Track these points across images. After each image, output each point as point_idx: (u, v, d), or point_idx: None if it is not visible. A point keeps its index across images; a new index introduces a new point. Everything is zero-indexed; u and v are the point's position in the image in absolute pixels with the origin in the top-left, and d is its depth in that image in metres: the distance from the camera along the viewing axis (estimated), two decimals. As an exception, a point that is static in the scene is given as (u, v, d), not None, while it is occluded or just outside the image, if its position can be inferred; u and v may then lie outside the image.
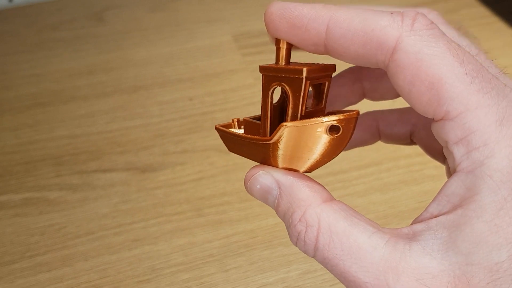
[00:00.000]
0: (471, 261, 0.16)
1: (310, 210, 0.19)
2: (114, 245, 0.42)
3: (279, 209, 0.20)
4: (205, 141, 0.51)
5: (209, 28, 0.66)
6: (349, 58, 0.19)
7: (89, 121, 0.54)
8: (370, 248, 0.17)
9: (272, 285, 0.39)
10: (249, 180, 0.20)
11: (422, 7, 0.20)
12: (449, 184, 0.18)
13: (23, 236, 0.43)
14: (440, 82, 0.17)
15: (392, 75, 0.18)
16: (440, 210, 0.18)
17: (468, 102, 0.17)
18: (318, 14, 0.18)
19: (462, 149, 0.17)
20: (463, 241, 0.16)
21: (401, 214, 0.44)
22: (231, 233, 0.43)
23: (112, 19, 0.68)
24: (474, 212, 0.16)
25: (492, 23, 0.65)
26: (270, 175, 0.20)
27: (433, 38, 0.17)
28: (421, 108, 0.18)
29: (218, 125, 0.23)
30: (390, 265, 0.17)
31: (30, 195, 0.46)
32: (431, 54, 0.17)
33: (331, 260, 0.18)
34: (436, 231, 0.17)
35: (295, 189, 0.19)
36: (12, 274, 0.40)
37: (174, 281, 0.40)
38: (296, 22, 0.19)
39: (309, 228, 0.18)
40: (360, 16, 0.18)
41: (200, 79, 0.58)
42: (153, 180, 0.47)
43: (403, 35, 0.17)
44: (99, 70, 0.60)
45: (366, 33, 0.18)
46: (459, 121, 0.17)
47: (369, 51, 0.18)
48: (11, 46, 0.64)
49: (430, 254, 0.17)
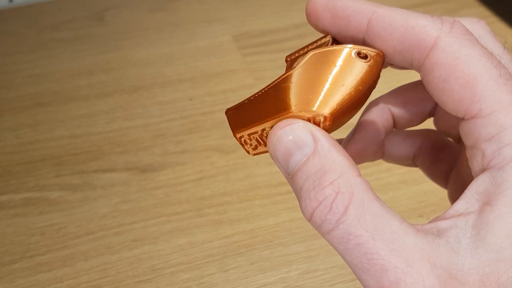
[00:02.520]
0: (502, 258, 0.16)
1: (345, 177, 0.17)
2: (114, 245, 0.42)
3: (303, 168, 0.17)
4: (205, 141, 0.51)
5: (209, 28, 0.66)
6: (386, 53, 0.19)
7: (89, 121, 0.54)
8: (403, 234, 0.16)
9: (272, 285, 0.39)
10: (281, 129, 0.18)
11: (471, 17, 0.21)
12: (478, 181, 0.17)
13: (23, 236, 0.43)
14: (475, 81, 0.17)
15: (426, 73, 0.18)
16: (467, 208, 0.17)
17: (502, 101, 0.17)
18: (362, 7, 0.19)
19: (493, 146, 0.17)
20: (493, 236, 0.16)
21: (401, 214, 0.43)
22: (231, 233, 0.43)
23: (112, 19, 0.68)
24: (504, 207, 0.16)
25: (492, 23, 0.65)
26: (309, 129, 0.18)
27: (470, 42, 0.18)
28: (452, 105, 0.18)
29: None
30: (424, 255, 0.16)
31: (30, 195, 0.46)
32: (468, 55, 0.18)
33: (357, 237, 0.16)
34: (464, 229, 0.17)
35: (333, 152, 0.17)
36: (12, 274, 0.40)
37: (174, 281, 0.40)
38: (339, 13, 0.19)
39: (340, 195, 0.16)
40: (402, 14, 0.19)
41: (200, 79, 0.58)
42: (153, 180, 0.47)
43: (442, 36, 0.18)
44: (99, 70, 0.60)
45: (407, 29, 0.18)
46: (492, 119, 0.17)
47: (408, 47, 0.19)
48: (11, 46, 0.64)
49: (458, 252, 0.16)
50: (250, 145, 0.21)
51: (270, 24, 0.66)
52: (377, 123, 0.23)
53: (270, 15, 0.68)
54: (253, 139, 0.20)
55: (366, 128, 0.23)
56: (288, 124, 0.18)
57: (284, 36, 0.64)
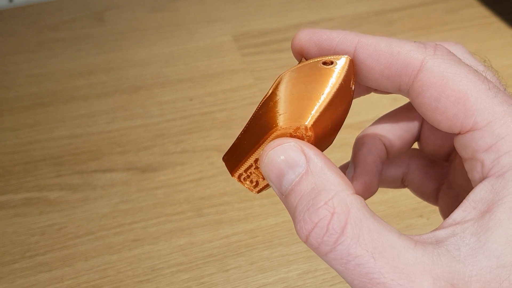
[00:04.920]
0: (503, 263, 0.16)
1: (339, 196, 0.16)
2: (114, 245, 0.42)
3: (296, 188, 0.17)
4: (205, 141, 0.51)
5: (209, 28, 0.66)
6: (373, 79, 0.20)
7: (89, 121, 0.54)
8: (403, 249, 0.16)
9: (272, 285, 0.39)
10: (272, 149, 0.18)
11: (449, 42, 0.21)
12: (477, 190, 0.18)
13: (23, 236, 0.43)
14: (466, 96, 0.18)
15: (416, 95, 0.19)
16: (465, 216, 0.17)
17: (495, 112, 0.18)
18: (346, 37, 0.20)
19: (492, 155, 0.17)
20: (493, 243, 0.16)
21: (401, 214, 0.44)
22: (231, 233, 0.43)
23: (112, 19, 0.68)
24: (504, 213, 0.16)
25: (492, 23, 0.65)
26: (300, 148, 0.17)
27: (455, 62, 0.19)
28: (447, 122, 0.19)
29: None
30: (425, 268, 0.16)
31: (30, 195, 0.46)
32: (455, 73, 0.18)
33: (357, 258, 0.16)
34: (463, 237, 0.16)
35: (326, 171, 0.17)
36: (12, 274, 0.40)
37: (174, 281, 0.40)
38: (325, 45, 0.20)
39: (336, 215, 0.16)
40: (385, 41, 0.19)
41: (200, 79, 0.58)
42: (153, 180, 0.47)
43: (427, 58, 0.19)
44: (99, 70, 0.60)
45: (392, 55, 0.19)
46: (488, 130, 0.18)
47: (395, 71, 0.19)
48: (11, 46, 0.64)
49: (459, 260, 0.16)
50: (250, 182, 0.21)
51: (270, 24, 0.66)
52: (373, 154, 0.23)
53: (270, 15, 0.68)
54: (251, 174, 0.20)
55: (365, 161, 0.23)
56: (278, 144, 0.18)
57: (284, 36, 0.64)
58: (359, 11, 0.67)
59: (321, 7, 0.68)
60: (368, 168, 0.23)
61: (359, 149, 0.23)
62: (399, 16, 0.66)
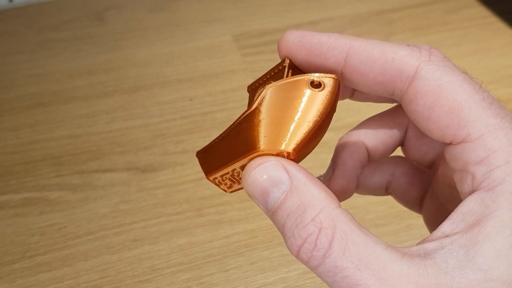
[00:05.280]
0: (490, 277, 0.16)
1: (326, 211, 0.17)
2: (114, 245, 0.42)
3: (283, 206, 0.17)
4: (205, 141, 0.51)
5: (209, 28, 0.66)
6: (366, 86, 0.19)
7: (89, 121, 0.54)
8: (389, 261, 0.16)
9: (272, 285, 0.39)
10: (254, 169, 0.18)
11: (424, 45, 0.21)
12: (466, 203, 0.17)
13: (23, 236, 0.43)
14: (460, 107, 0.18)
15: (409, 102, 0.19)
16: (453, 229, 0.17)
17: (489, 124, 0.17)
18: (337, 42, 0.19)
19: (483, 169, 0.17)
20: (482, 257, 0.16)
21: (401, 214, 0.44)
22: (231, 233, 0.43)
23: (112, 19, 0.68)
24: (493, 228, 0.16)
25: (492, 23, 0.65)
26: (282, 165, 0.17)
27: (449, 69, 0.18)
28: (439, 132, 0.18)
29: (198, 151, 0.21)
30: (411, 280, 0.16)
31: (30, 195, 0.46)
32: (450, 82, 0.18)
33: (343, 270, 0.16)
34: (451, 250, 0.16)
35: (310, 187, 0.17)
36: (12, 274, 0.40)
37: (174, 281, 0.40)
38: (315, 50, 0.19)
39: (323, 230, 0.16)
40: (378, 46, 0.19)
41: (200, 79, 0.58)
42: (153, 180, 0.47)
43: (422, 64, 0.18)
44: (99, 70, 0.60)
45: (386, 61, 0.19)
46: (481, 142, 0.17)
47: (388, 78, 0.19)
48: (11, 46, 0.64)
49: (446, 273, 0.16)
50: (225, 185, 0.21)
51: (270, 24, 0.66)
52: (354, 158, 0.23)
53: (270, 15, 0.68)
54: (226, 179, 0.21)
55: (345, 164, 0.23)
56: (260, 164, 0.18)
57: (284, 36, 0.64)
58: (359, 11, 0.67)
59: (321, 7, 0.68)
60: (347, 172, 0.23)
61: (340, 151, 0.23)
62: (399, 16, 0.66)
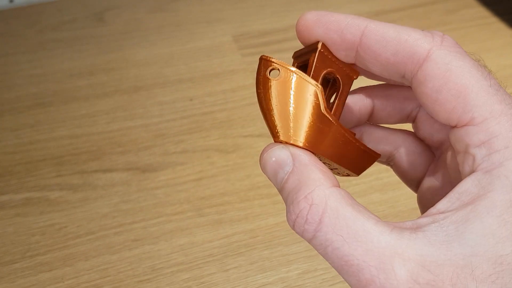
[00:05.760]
0: (476, 252, 0.16)
1: (318, 190, 0.18)
2: (114, 245, 0.42)
3: (286, 185, 0.19)
4: (205, 141, 0.51)
5: (209, 28, 0.66)
6: (378, 66, 0.20)
7: (89, 121, 0.54)
8: (377, 233, 0.17)
9: (272, 284, 0.40)
10: (266, 152, 0.20)
11: None
12: (463, 183, 0.18)
13: (24, 236, 0.43)
14: (467, 91, 0.18)
15: (419, 84, 0.19)
16: (448, 207, 0.18)
17: (493, 110, 0.18)
18: (355, 21, 0.20)
19: (483, 151, 0.18)
20: (470, 233, 0.17)
21: (401, 214, 0.44)
22: (231, 233, 0.43)
23: (112, 20, 0.68)
24: (484, 208, 0.17)
25: (492, 23, 0.65)
26: (287, 149, 0.20)
27: (460, 54, 0.19)
28: (445, 115, 0.19)
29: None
30: (397, 251, 0.17)
31: (30, 195, 0.46)
32: (459, 66, 0.19)
33: (333, 242, 0.17)
34: (442, 225, 0.17)
35: (308, 168, 0.19)
36: (13, 274, 0.41)
37: (174, 281, 0.40)
38: (333, 27, 0.20)
39: (314, 206, 0.18)
40: (393, 27, 0.20)
41: (200, 79, 0.58)
42: (154, 180, 0.47)
43: (434, 48, 0.19)
44: (100, 71, 0.60)
45: (400, 42, 0.19)
46: (483, 126, 0.18)
47: (401, 59, 0.20)
48: (12, 47, 0.64)
49: (434, 245, 0.17)
50: None
51: (270, 24, 0.66)
52: (353, 106, 0.24)
53: (270, 15, 0.68)
54: None
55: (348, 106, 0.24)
56: (270, 148, 0.20)
57: (284, 36, 0.64)
58: (359, 11, 0.67)
59: (321, 7, 0.68)
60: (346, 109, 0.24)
61: None
62: (399, 16, 0.66)
